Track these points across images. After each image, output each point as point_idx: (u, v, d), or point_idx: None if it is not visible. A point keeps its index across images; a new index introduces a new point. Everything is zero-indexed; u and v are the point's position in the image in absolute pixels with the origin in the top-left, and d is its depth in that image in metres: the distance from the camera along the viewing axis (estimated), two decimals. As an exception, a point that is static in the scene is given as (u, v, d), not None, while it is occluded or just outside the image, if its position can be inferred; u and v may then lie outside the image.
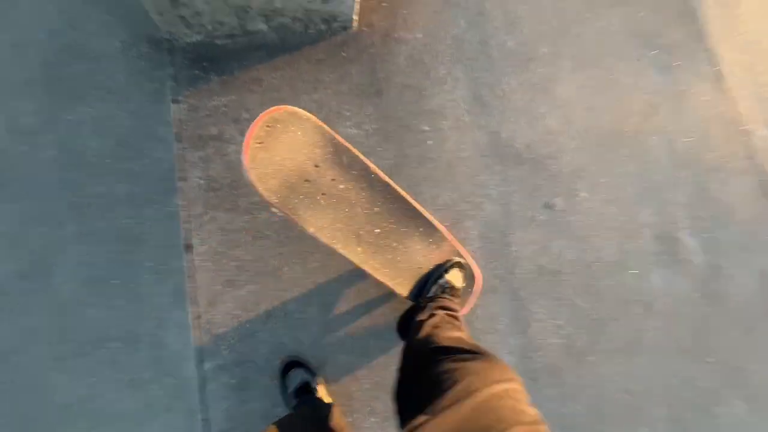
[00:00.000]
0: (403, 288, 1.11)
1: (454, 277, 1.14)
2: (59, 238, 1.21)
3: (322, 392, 1.12)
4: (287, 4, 1.22)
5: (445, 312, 1.00)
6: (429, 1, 1.47)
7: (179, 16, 1.19)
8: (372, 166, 1.04)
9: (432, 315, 0.96)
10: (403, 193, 1.09)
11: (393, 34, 1.43)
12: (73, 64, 1.31)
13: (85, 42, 1.32)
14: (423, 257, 1.14)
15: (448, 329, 0.92)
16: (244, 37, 1.33)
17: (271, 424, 0.85)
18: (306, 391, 1.09)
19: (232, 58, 1.32)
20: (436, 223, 1.17)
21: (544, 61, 1.46)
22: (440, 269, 1.14)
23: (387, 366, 1.22)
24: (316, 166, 0.96)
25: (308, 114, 0.96)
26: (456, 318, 1.01)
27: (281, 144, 0.93)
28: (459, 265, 1.17)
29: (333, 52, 1.38)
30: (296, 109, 0.95)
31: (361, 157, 1.03)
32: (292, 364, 1.15)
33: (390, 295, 1.25)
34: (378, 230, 1.05)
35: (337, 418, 1.03)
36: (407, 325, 1.03)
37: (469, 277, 1.25)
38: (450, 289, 1.11)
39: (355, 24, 1.40)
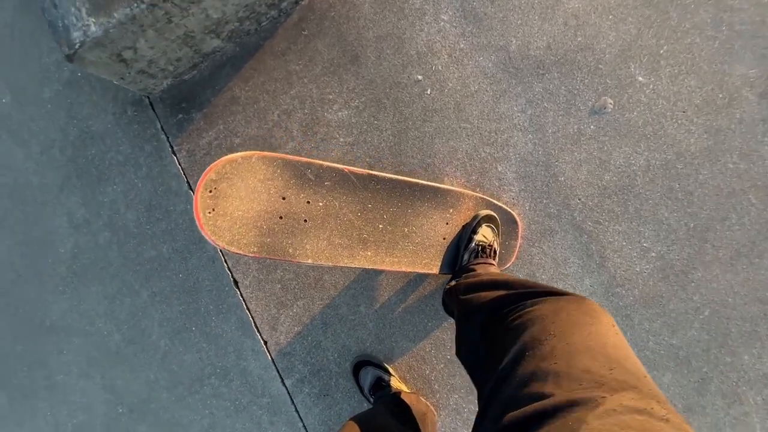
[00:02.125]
0: (433, 267, 1.01)
1: (485, 234, 1.01)
2: (140, 303, 1.37)
3: (396, 383, 1.12)
4: (225, 10, 1.11)
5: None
6: None
7: (138, 72, 1.17)
8: (342, 166, 0.91)
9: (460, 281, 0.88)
10: (388, 175, 0.95)
11: (348, -17, 1.22)
12: (89, 149, 1.41)
13: (88, 127, 1.40)
14: (443, 226, 1.02)
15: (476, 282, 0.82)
16: (206, 61, 1.26)
17: (348, 420, 0.83)
18: (379, 387, 1.11)
19: (204, 87, 1.28)
20: (442, 185, 1.02)
21: (540, -73, 1.12)
22: (466, 232, 1.01)
23: (452, 342, 1.16)
24: (283, 198, 0.85)
25: (246, 153, 0.83)
26: (485, 263, 0.95)
27: (233, 199, 0.81)
28: (487, 219, 1.02)
29: (293, 35, 1.24)
30: (229, 156, 0.82)
31: (327, 163, 0.90)
32: (360, 364, 1.16)
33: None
34: (381, 225, 0.95)
35: (415, 405, 1.03)
36: (449, 300, 0.95)
37: (511, 222, 1.10)
38: (483, 250, 0.98)
39: (304, -7, 1.22)
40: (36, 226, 1.46)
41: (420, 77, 1.18)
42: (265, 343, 1.25)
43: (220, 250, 1.29)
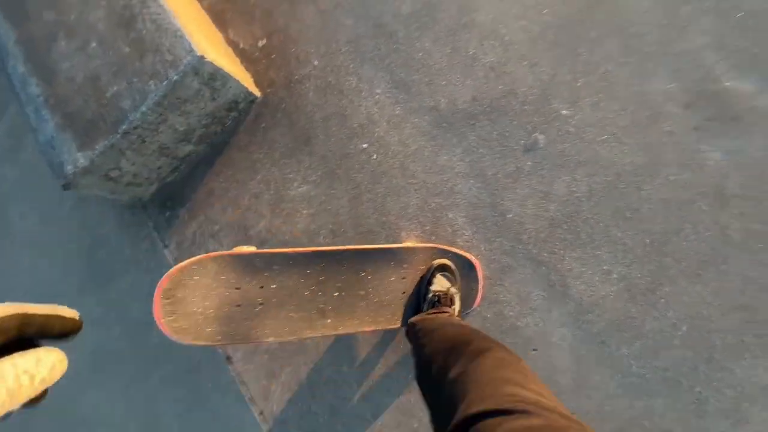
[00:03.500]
0: (396, 321, 1.06)
1: (439, 283, 1.06)
2: (152, 388, 1.48)
3: None
4: (190, 122, 1.30)
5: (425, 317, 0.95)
6: (308, 23, 1.40)
7: (127, 185, 1.37)
8: (286, 249, 1.00)
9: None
10: (333, 248, 1.04)
11: (293, 77, 1.39)
12: (99, 253, 1.60)
13: (96, 233, 1.61)
14: (401, 282, 1.08)
15: (426, 335, 0.86)
16: (183, 164, 1.45)
17: None
18: None
19: (184, 186, 1.46)
20: (390, 245, 1.10)
21: (447, 2, 1.26)
22: (423, 284, 1.06)
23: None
24: (237, 288, 0.94)
25: (193, 259, 0.93)
26: (440, 313, 0.97)
27: (190, 302, 0.90)
28: (440, 268, 1.07)
29: (253, 129, 1.41)
30: (179, 265, 0.92)
31: (271, 250, 1.00)
32: None
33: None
34: (335, 294, 1.02)
35: None
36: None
37: (469, 267, 1.14)
38: (440, 299, 1.02)
39: (258, 93, 1.41)
40: (60, 329, 1.63)
41: (365, 145, 1.30)
42: (261, 413, 1.30)
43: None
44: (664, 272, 1.07)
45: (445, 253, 1.14)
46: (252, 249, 0.98)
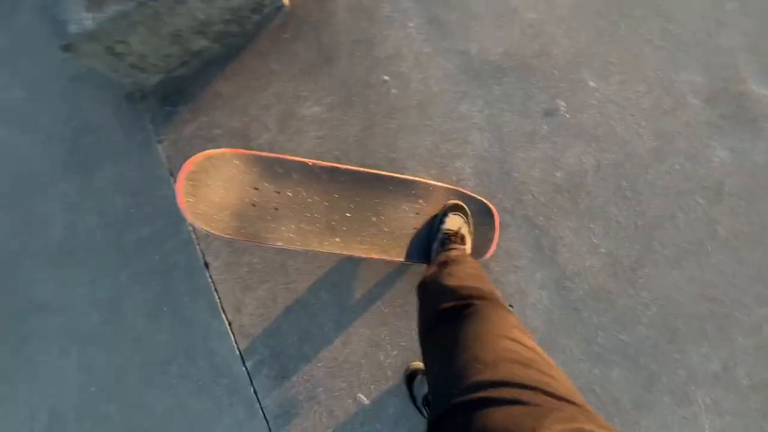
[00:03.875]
0: (402, 255, 1.06)
1: (452, 222, 1.05)
2: (119, 285, 1.44)
3: None
4: (211, 12, 1.23)
5: (443, 260, 0.92)
6: (353, -60, 1.33)
7: (131, 66, 1.29)
8: (307, 160, 1.00)
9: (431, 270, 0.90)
10: (353, 168, 1.03)
11: (326, -7, 1.33)
12: (86, 138, 1.52)
13: (87, 118, 1.52)
14: (414, 217, 1.07)
15: (445, 277, 0.85)
16: (195, 60, 1.38)
17: None
18: None
19: (191, 84, 1.39)
20: (410, 177, 1.09)
21: (500, -54, 1.22)
22: (434, 222, 1.06)
23: (407, 329, 1.20)
24: (255, 188, 0.96)
25: (221, 150, 0.96)
26: (456, 260, 0.92)
27: (211, 188, 0.93)
28: (455, 208, 1.06)
29: (275, 38, 1.35)
30: (207, 152, 0.95)
31: (293, 158, 1.00)
32: (416, 373, 1.15)
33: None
34: (348, 213, 1.02)
35: None
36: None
37: (486, 213, 1.13)
38: (450, 238, 1.02)
39: (286, 1, 1.34)
40: (30, 209, 1.56)
41: (387, 78, 1.27)
42: (230, 324, 1.30)
43: (194, 234, 1.36)
44: (649, 254, 1.11)
45: (462, 197, 1.12)
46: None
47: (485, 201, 1.14)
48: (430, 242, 1.08)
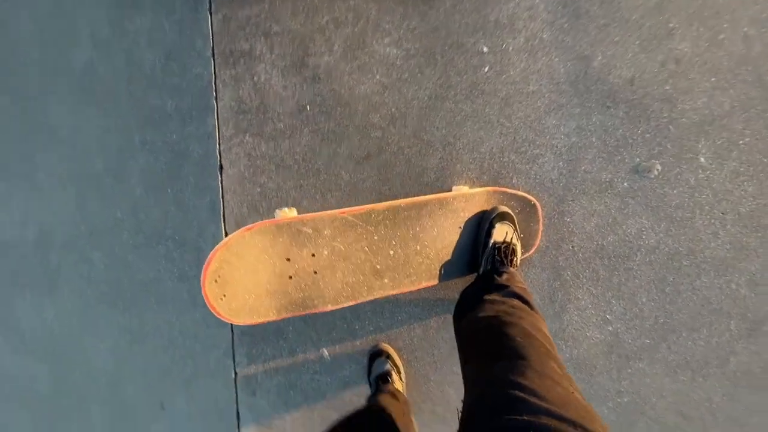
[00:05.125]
0: (454, 275, 1.02)
1: (500, 232, 0.96)
2: (130, 146, 1.38)
3: (398, 385, 1.11)
4: None
5: (516, 300, 0.83)
6: None
7: None
8: (337, 211, 0.90)
9: (500, 302, 0.82)
10: (389, 204, 0.93)
11: None
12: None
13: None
14: (456, 232, 0.99)
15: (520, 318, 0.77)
16: (278, -74, 1.12)
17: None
18: (385, 380, 1.10)
19: (265, -45, 1.15)
20: (445, 195, 0.99)
21: (701, -61, 0.92)
22: (479, 234, 0.98)
23: (390, 312, 1.19)
24: (288, 259, 0.87)
25: (235, 233, 0.85)
26: (528, 306, 0.83)
27: (239, 278, 0.84)
28: (500, 217, 0.97)
29: (379, -60, 1.08)
30: (222, 242, 0.84)
31: (320, 214, 0.90)
32: (379, 353, 1.17)
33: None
34: (391, 251, 0.95)
35: (400, 416, 0.91)
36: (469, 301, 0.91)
37: (529, 207, 1.04)
38: (503, 251, 0.93)
39: None
40: (58, 30, 1.41)
41: (486, 49, 1.06)
42: (226, 234, 1.27)
43: (218, 132, 1.26)
44: (652, 353, 1.07)
45: (502, 196, 1.02)
46: (293, 214, 0.91)
47: (528, 196, 1.04)
48: (477, 255, 1.01)
